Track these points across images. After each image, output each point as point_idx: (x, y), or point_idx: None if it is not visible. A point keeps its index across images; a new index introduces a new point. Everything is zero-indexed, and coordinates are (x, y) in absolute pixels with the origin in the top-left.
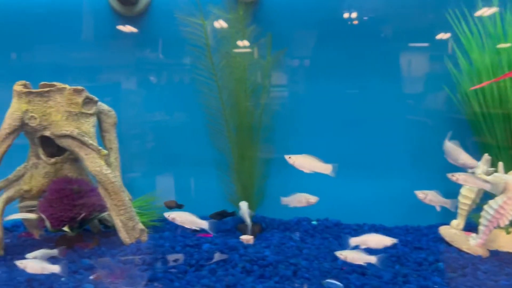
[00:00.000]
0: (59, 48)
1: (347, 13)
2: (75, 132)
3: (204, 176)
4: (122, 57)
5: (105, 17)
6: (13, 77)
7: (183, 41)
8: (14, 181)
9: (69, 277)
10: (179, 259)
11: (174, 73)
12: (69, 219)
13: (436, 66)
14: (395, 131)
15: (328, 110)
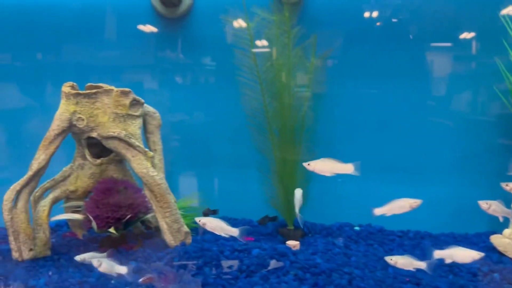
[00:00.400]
0: (103, 50)
1: (393, 13)
2: (122, 133)
3: (245, 179)
4: (164, 58)
5: (148, 19)
6: (60, 78)
7: (226, 42)
8: (60, 181)
9: (118, 280)
10: (234, 265)
11: (216, 75)
12: (115, 220)
13: (484, 66)
14: (440, 134)
15: (372, 112)
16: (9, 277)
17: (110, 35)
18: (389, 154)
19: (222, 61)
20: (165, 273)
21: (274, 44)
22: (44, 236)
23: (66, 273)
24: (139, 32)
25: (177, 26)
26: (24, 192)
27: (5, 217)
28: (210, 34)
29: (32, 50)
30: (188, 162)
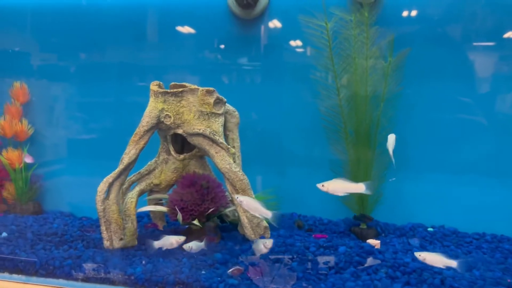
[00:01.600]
0: (180, 50)
1: (472, 12)
2: (207, 131)
3: (317, 177)
4: (239, 58)
5: (224, 20)
6: (143, 77)
7: (301, 42)
8: (145, 175)
9: (208, 271)
10: (330, 261)
11: (291, 75)
12: (199, 213)
13: None
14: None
15: (449, 113)
16: (107, 264)
17: (187, 36)
18: (464, 155)
19: (297, 61)
20: (261, 266)
21: (351, 44)
22: (132, 226)
23: (158, 262)
24: (215, 33)
25: (252, 27)
26: (116, 185)
27: (98, 208)
28: (285, 35)
29: (118, 50)
30: (261, 160)
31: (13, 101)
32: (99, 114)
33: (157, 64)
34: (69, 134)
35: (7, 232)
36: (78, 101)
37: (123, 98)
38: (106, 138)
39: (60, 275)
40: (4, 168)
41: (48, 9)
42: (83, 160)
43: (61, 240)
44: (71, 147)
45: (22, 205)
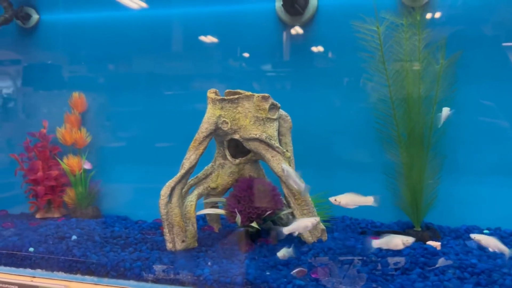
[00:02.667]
0: (229, 58)
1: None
2: (263, 135)
3: (368, 180)
4: (288, 64)
5: (272, 28)
6: (198, 85)
7: (351, 47)
8: (202, 179)
9: (272, 272)
10: (401, 262)
11: (341, 79)
12: (256, 216)
13: None
14: None
15: (505, 115)
16: (175, 266)
17: (236, 43)
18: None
19: (346, 65)
20: (330, 266)
21: (402, 47)
22: (192, 228)
23: (222, 263)
24: (264, 40)
25: (301, 33)
26: (177, 189)
27: (161, 211)
28: (334, 40)
29: (176, 61)
30: (312, 164)
31: (72, 110)
32: (150, 122)
33: (207, 72)
34: (123, 142)
35: (76, 235)
36: (130, 110)
37: (178, 107)
38: (154, 145)
39: (130, 277)
40: (65, 174)
41: (101, 23)
42: (137, 166)
43: (126, 242)
44: (125, 154)
45: (82, 209)
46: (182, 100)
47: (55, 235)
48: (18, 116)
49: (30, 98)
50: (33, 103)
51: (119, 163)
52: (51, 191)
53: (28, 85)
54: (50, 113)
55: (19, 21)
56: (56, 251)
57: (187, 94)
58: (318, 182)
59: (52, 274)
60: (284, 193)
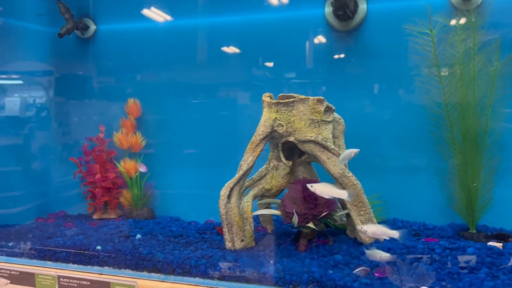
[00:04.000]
0: (281, 63)
1: None
2: (319, 137)
3: (420, 182)
4: (339, 69)
5: (322, 33)
6: (249, 90)
7: (402, 50)
8: (257, 180)
9: (334, 271)
10: (472, 260)
11: (394, 82)
12: (312, 217)
13: None
14: None
15: None
16: (239, 263)
17: (288, 49)
18: None
19: (399, 68)
20: (399, 265)
21: (456, 50)
22: (250, 228)
23: (283, 262)
24: (314, 45)
25: (351, 38)
26: (236, 189)
27: (221, 211)
28: (385, 44)
29: (229, 67)
30: (365, 166)
31: (128, 116)
32: (202, 127)
33: (261, 78)
34: (175, 146)
35: (140, 234)
36: (183, 115)
37: (230, 112)
38: (204, 149)
39: (196, 274)
40: (121, 176)
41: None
42: (189, 169)
43: (187, 241)
44: (176, 157)
45: (137, 210)
46: (232, 106)
47: (119, 234)
48: (76, 121)
49: (88, 104)
50: (90, 109)
51: (171, 166)
52: (108, 193)
53: (85, 92)
54: (107, 119)
55: (79, 31)
56: (122, 249)
57: (240, 100)
58: (371, 185)
59: (119, 272)
60: None
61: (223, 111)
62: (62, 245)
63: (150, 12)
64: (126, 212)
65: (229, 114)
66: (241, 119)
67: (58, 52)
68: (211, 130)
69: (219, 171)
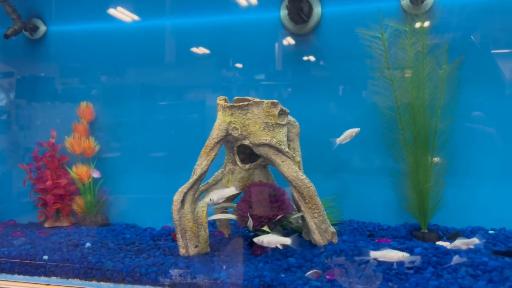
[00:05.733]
0: (235, 66)
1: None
2: (273, 141)
3: (374, 184)
4: (293, 72)
5: (277, 36)
6: (202, 94)
7: (355, 54)
8: (213, 185)
9: (287, 274)
10: (416, 260)
11: (346, 85)
12: (267, 220)
13: None
14: None
15: (508, 118)
16: (191, 270)
17: (242, 52)
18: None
19: (351, 71)
20: (347, 268)
21: (406, 53)
22: (205, 234)
23: (237, 267)
24: (269, 48)
25: (305, 41)
26: (189, 194)
27: (174, 217)
28: (339, 47)
29: (182, 71)
30: (320, 169)
31: (80, 120)
32: (157, 131)
33: (214, 82)
34: (130, 150)
35: (90, 243)
36: (138, 119)
37: (184, 116)
38: (161, 153)
39: (146, 282)
40: (74, 183)
41: (106, 33)
42: (145, 175)
43: (140, 249)
44: (132, 162)
45: (90, 217)
46: (189, 110)
47: (68, 242)
48: (26, 126)
49: (38, 108)
50: (40, 113)
51: (127, 172)
52: (60, 200)
53: (35, 95)
54: (58, 123)
55: (27, 32)
56: (71, 258)
57: (194, 103)
58: (326, 187)
59: (67, 282)
60: (294, 198)
61: (180, 114)
62: (7, 255)
63: (103, 13)
64: (79, 220)
65: (185, 117)
66: (197, 122)
67: (5, 54)
68: (169, 133)
69: (178, 175)
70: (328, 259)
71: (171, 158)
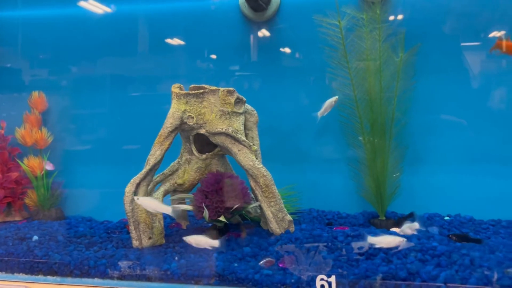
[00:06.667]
0: (193, 53)
1: None
2: (229, 129)
3: (334, 172)
4: (252, 60)
5: (237, 23)
6: (159, 85)
7: (314, 42)
8: (169, 175)
9: (240, 264)
10: (365, 246)
11: (305, 73)
12: (224, 210)
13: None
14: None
15: (462, 105)
16: (141, 262)
17: (200, 39)
18: (476, 145)
19: (310, 60)
20: (296, 254)
21: (364, 41)
22: (159, 225)
23: (190, 258)
24: (228, 36)
25: (265, 29)
26: (142, 185)
27: (126, 208)
28: (297, 35)
29: (138, 61)
30: (280, 158)
31: (32, 110)
32: (114, 123)
33: (171, 72)
34: (86, 142)
35: (37, 236)
36: (93, 111)
37: (141, 108)
38: (119, 145)
39: (95, 275)
40: (26, 176)
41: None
42: (102, 167)
43: (91, 241)
44: (89, 154)
45: (44, 211)
46: (145, 101)
47: (15, 236)
48: None
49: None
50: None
51: (83, 164)
52: (11, 193)
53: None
54: (9, 114)
55: None
56: (16, 252)
57: (150, 95)
58: (285, 176)
59: (12, 276)
60: (251, 187)
61: (137, 107)
62: None
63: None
64: (32, 214)
65: (144, 110)
66: (155, 114)
67: None
68: (126, 124)
69: (136, 167)
70: (279, 247)
71: (130, 149)
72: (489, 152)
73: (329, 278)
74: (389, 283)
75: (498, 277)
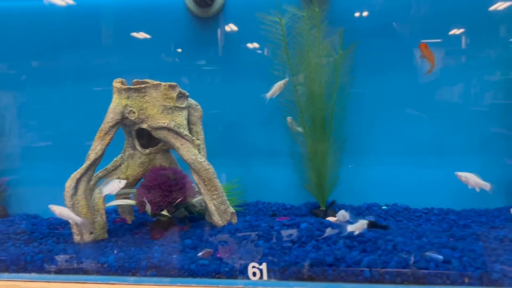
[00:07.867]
0: (138, 49)
1: None
2: (171, 124)
3: (279, 165)
4: (198, 56)
5: (182, 19)
6: (100, 81)
7: (257, 39)
8: (112, 170)
9: (179, 255)
10: (293, 234)
11: (249, 69)
12: (167, 204)
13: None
14: (462, 118)
15: (397, 100)
16: (79, 256)
17: (146, 33)
18: (411, 139)
19: (253, 56)
20: (230, 244)
21: (304, 39)
22: (101, 220)
23: (129, 251)
24: (173, 31)
25: (209, 25)
26: (83, 180)
27: (67, 203)
28: (242, 31)
29: (73, 54)
30: (225, 152)
31: None
32: (56, 119)
33: (116, 68)
34: (30, 139)
35: None
36: (33, 107)
37: (81, 103)
38: (65, 142)
39: (32, 269)
40: None
41: None
42: (46, 163)
43: (31, 237)
44: (33, 151)
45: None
46: (86, 96)
47: None
48: None
49: None
50: None
51: (29, 160)
52: None
53: None
54: None
55: None
56: None
57: (90, 90)
58: (233, 170)
59: None
60: (194, 181)
61: (79, 100)
62: None
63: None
64: None
65: (89, 104)
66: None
67: None
68: (71, 119)
69: (81, 163)
70: (212, 237)
71: (73, 146)
72: (424, 144)
73: (260, 266)
74: (317, 268)
75: (415, 260)
